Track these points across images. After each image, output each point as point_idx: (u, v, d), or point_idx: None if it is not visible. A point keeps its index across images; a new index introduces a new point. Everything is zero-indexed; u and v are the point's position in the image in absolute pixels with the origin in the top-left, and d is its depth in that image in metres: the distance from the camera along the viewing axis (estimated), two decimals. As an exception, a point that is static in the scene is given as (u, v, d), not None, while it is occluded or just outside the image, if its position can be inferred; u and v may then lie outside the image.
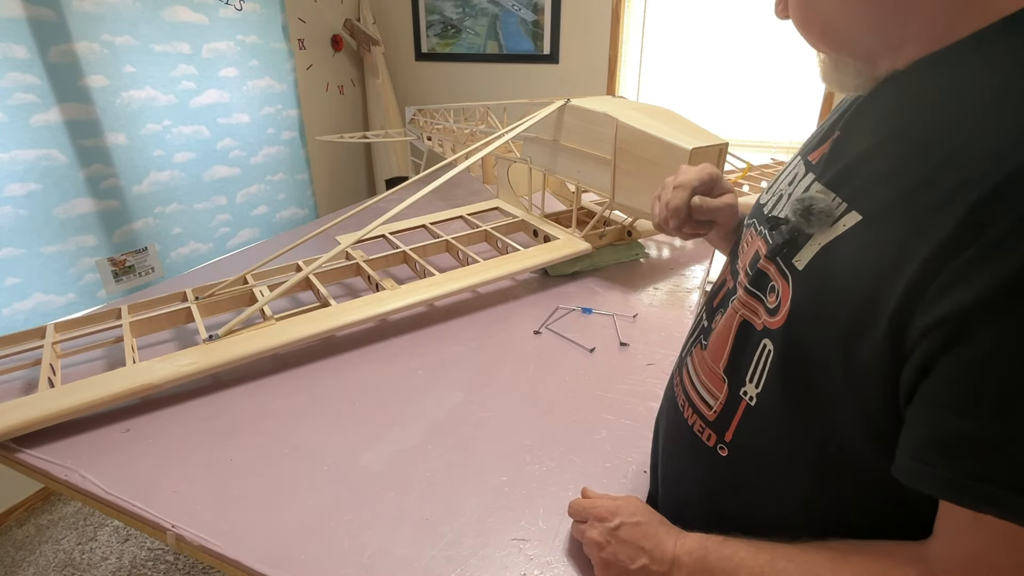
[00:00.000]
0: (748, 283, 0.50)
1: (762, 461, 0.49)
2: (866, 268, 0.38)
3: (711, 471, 0.53)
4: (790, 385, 0.44)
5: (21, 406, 0.72)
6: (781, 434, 0.46)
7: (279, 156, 2.53)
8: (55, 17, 1.65)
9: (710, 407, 0.52)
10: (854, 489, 0.44)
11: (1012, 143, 0.32)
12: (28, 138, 1.63)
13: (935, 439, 0.34)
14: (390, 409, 0.78)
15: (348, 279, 1.13)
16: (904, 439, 0.36)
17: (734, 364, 0.50)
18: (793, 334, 0.43)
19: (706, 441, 0.52)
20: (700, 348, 0.56)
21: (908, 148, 0.39)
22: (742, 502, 0.51)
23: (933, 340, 0.33)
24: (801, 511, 0.47)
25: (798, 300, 0.43)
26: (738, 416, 0.49)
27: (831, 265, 0.41)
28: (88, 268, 1.84)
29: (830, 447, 0.43)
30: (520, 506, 0.62)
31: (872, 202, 0.40)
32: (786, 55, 2.31)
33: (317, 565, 0.55)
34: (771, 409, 0.46)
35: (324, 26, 2.73)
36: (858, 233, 0.40)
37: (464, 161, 1.05)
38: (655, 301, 1.08)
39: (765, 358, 0.46)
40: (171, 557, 1.67)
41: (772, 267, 0.47)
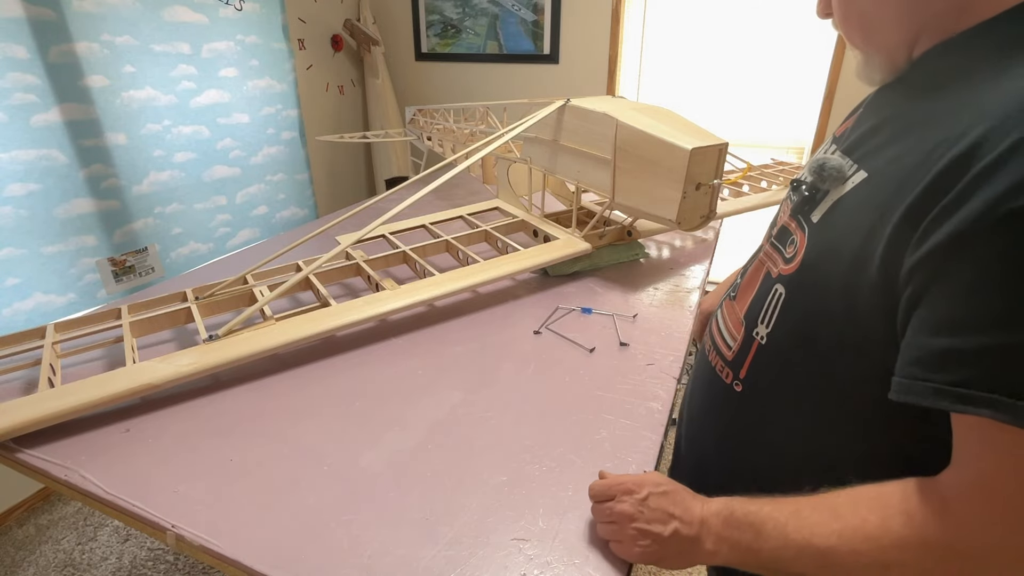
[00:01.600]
0: (773, 238, 0.59)
1: (771, 396, 0.55)
2: (865, 215, 0.45)
3: (728, 407, 0.60)
4: (795, 325, 0.51)
5: (21, 406, 0.72)
6: (786, 370, 0.53)
7: (279, 156, 2.53)
8: (55, 17, 1.65)
9: (730, 348, 0.61)
10: (861, 426, 0.48)
11: (985, 113, 0.38)
12: (28, 138, 1.63)
13: (921, 357, 0.39)
14: (390, 409, 0.78)
15: (348, 279, 1.13)
16: (899, 364, 0.42)
17: (752, 310, 0.58)
18: (802, 277, 0.50)
19: (724, 379, 0.61)
20: (730, 300, 0.64)
21: (906, 119, 0.47)
22: (756, 437, 0.57)
23: (919, 277, 0.39)
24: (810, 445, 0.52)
25: (810, 248, 0.50)
26: (751, 355, 0.56)
27: (840, 215, 0.48)
28: (88, 268, 1.84)
29: (830, 381, 0.49)
30: (520, 506, 0.62)
31: (875, 162, 0.47)
32: (786, 55, 2.31)
33: (317, 565, 0.55)
34: (778, 347, 0.54)
35: (324, 26, 2.73)
36: (862, 187, 0.47)
37: (464, 161, 1.05)
38: (655, 301, 1.08)
39: (776, 301, 0.53)
40: (171, 557, 1.67)
41: (793, 222, 0.55)
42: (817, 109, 2.30)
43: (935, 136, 0.41)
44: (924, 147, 0.41)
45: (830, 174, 0.50)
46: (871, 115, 0.53)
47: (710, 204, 1.04)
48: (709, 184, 1.00)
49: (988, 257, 0.36)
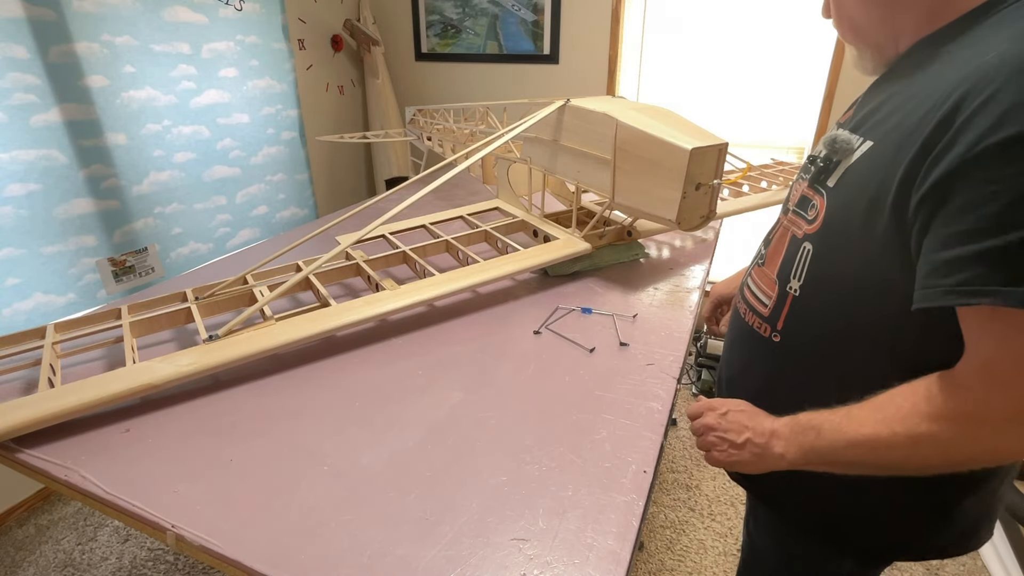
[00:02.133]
0: (794, 206, 0.68)
1: (807, 340, 0.64)
2: (874, 173, 0.55)
3: (768, 358, 0.69)
4: (825, 272, 0.61)
5: (21, 406, 0.72)
6: (819, 314, 0.62)
7: (279, 156, 2.53)
8: (55, 17, 1.65)
9: (765, 305, 0.69)
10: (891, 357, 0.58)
11: (963, 80, 0.48)
12: (28, 138, 1.63)
13: (932, 270, 0.48)
14: (390, 409, 0.78)
15: (348, 279, 1.13)
16: (916, 282, 0.50)
17: (783, 269, 0.67)
18: (826, 232, 0.61)
19: (763, 333, 0.69)
20: (758, 266, 0.74)
21: (901, 97, 0.57)
22: (797, 382, 0.66)
23: (924, 210, 0.49)
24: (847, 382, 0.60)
25: (830, 207, 0.60)
26: (787, 307, 0.66)
27: (852, 177, 0.58)
28: (88, 268, 1.84)
29: (859, 317, 0.59)
30: (520, 506, 0.62)
31: (878, 132, 0.57)
32: (786, 55, 2.31)
33: (317, 565, 0.55)
34: (810, 295, 0.63)
35: (324, 26, 2.73)
36: (869, 154, 0.57)
37: (464, 161, 1.05)
38: (655, 301, 1.08)
39: (805, 257, 0.63)
40: (171, 557, 1.67)
41: (811, 191, 0.65)
42: (817, 109, 2.30)
43: (926, 104, 0.51)
44: (918, 112, 0.51)
45: (841, 146, 0.60)
46: (870, 101, 0.62)
47: (710, 204, 1.04)
48: (709, 184, 1.00)
49: (975, 183, 0.45)
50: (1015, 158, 0.43)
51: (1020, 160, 0.43)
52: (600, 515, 0.61)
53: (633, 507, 0.62)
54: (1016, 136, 0.43)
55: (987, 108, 0.45)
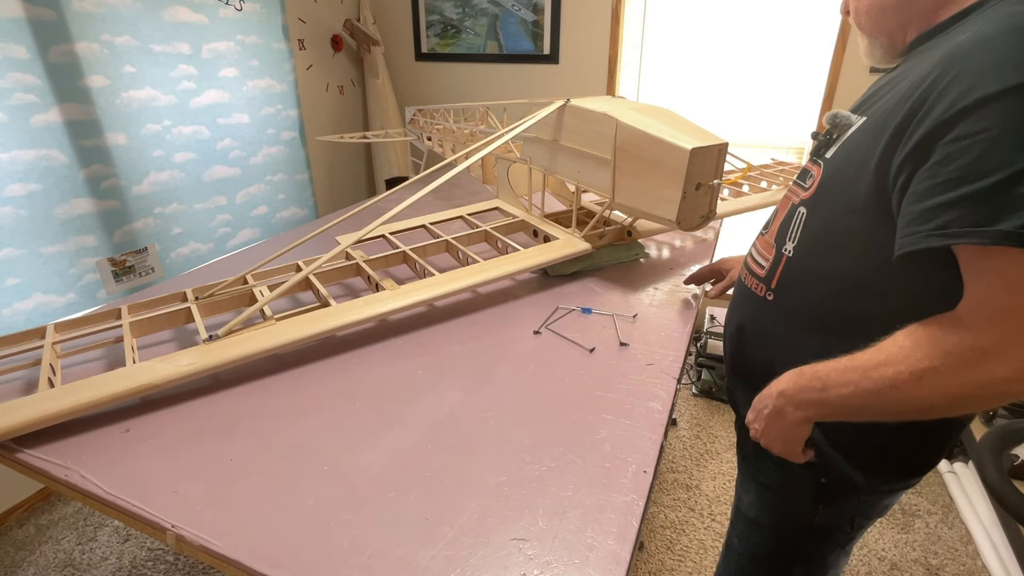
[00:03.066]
0: (796, 178, 0.75)
1: (796, 296, 0.70)
2: (863, 142, 0.61)
3: (762, 316, 0.74)
4: (815, 234, 0.67)
5: (21, 406, 0.72)
6: (808, 273, 0.68)
7: (279, 156, 2.53)
8: (55, 17, 1.65)
9: (762, 267, 0.75)
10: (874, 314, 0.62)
11: (941, 60, 0.54)
12: (28, 138, 1.63)
13: (913, 219, 0.53)
14: (390, 409, 0.78)
15: (348, 279, 1.13)
16: (898, 233, 0.55)
17: (781, 232, 0.73)
18: (819, 196, 0.67)
19: (758, 292, 0.75)
20: (762, 235, 0.79)
21: (892, 81, 0.63)
22: (789, 338, 0.71)
23: (904, 170, 0.55)
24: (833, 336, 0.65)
25: (824, 175, 0.67)
26: (781, 267, 0.71)
27: (845, 148, 0.65)
28: (88, 268, 1.84)
29: (848, 274, 0.63)
30: (520, 506, 0.62)
31: (871, 110, 0.64)
32: (786, 55, 2.31)
33: (317, 565, 0.55)
34: (802, 254, 0.69)
35: (324, 26, 2.72)
36: (862, 126, 0.63)
37: (464, 161, 1.05)
38: (655, 301, 1.08)
39: (799, 221, 0.69)
40: (171, 557, 1.67)
41: (811, 163, 0.71)
42: (817, 109, 2.30)
43: (912, 80, 0.57)
44: (902, 90, 0.58)
45: (841, 122, 0.66)
46: (872, 88, 0.70)
47: (710, 204, 1.04)
48: (709, 184, 1.00)
49: (949, 140, 0.51)
50: (983, 116, 0.49)
51: (987, 118, 0.49)
52: (600, 515, 0.61)
53: (633, 507, 0.62)
54: (982, 98, 0.49)
55: (959, 78, 0.51)
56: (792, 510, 0.80)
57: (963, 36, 0.55)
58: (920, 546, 1.69)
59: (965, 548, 1.68)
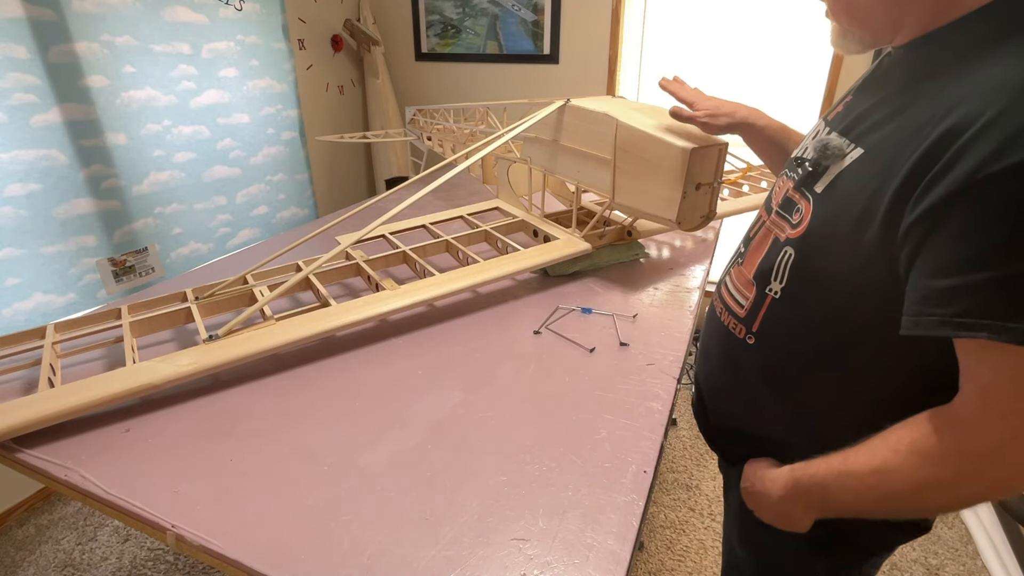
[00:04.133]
0: (778, 207, 0.66)
1: (782, 344, 0.63)
2: (865, 183, 0.53)
3: (742, 360, 0.68)
4: (806, 278, 0.59)
5: (21, 406, 0.72)
6: (800, 318, 0.61)
7: (279, 156, 2.53)
8: (55, 17, 1.65)
9: (742, 306, 0.68)
10: (870, 368, 0.57)
11: (964, 97, 0.46)
12: (28, 138, 1.63)
13: (926, 296, 0.47)
14: (390, 409, 0.78)
15: (348, 279, 1.13)
16: (905, 306, 0.49)
17: (763, 270, 0.65)
18: (811, 238, 0.58)
19: (737, 334, 0.68)
20: (737, 266, 0.71)
21: (896, 102, 0.54)
22: (770, 386, 0.65)
23: (917, 232, 0.47)
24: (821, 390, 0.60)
25: (816, 215, 0.58)
26: (763, 309, 0.64)
27: (841, 186, 0.56)
28: (88, 268, 1.84)
29: (841, 324, 0.57)
30: (520, 506, 0.62)
31: (872, 140, 0.55)
32: (786, 55, 2.31)
33: (317, 565, 0.55)
34: (792, 298, 0.61)
35: (324, 26, 2.73)
36: (861, 161, 0.55)
37: (464, 161, 1.05)
38: (655, 301, 1.08)
39: (786, 261, 0.61)
40: (171, 557, 1.67)
41: (797, 194, 0.62)
42: (817, 109, 2.30)
43: (923, 115, 0.49)
44: (914, 124, 0.49)
45: (832, 152, 0.57)
46: (862, 100, 0.60)
47: (710, 204, 1.04)
48: (709, 184, 1.00)
49: (974, 210, 0.43)
50: (1017, 188, 0.42)
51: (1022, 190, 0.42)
52: (600, 515, 0.61)
53: (633, 507, 0.62)
54: (1019, 165, 0.41)
55: (989, 132, 0.43)
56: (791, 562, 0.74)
57: (991, 62, 0.46)
58: (920, 546, 1.69)
59: (965, 548, 1.68)
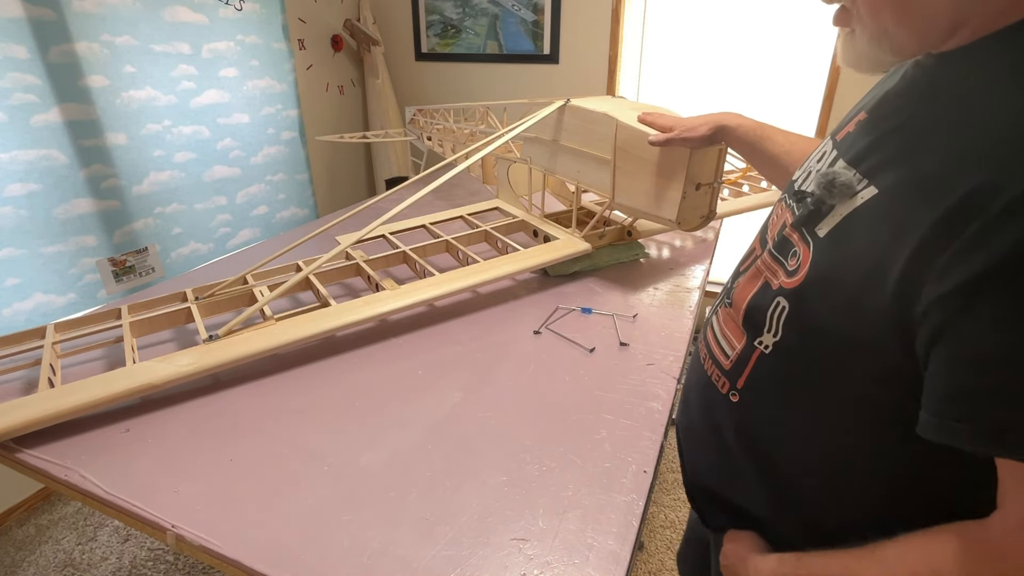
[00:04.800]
0: (773, 247, 0.55)
1: (770, 407, 0.53)
2: (877, 236, 0.42)
3: (724, 418, 0.58)
4: (803, 336, 0.49)
5: (21, 406, 0.72)
6: (790, 379, 0.51)
7: (279, 156, 2.53)
8: (55, 17, 1.65)
9: (727, 356, 0.58)
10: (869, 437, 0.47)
11: (1004, 139, 0.36)
12: (28, 138, 1.63)
13: (953, 396, 0.38)
14: (390, 409, 0.78)
15: (348, 279, 1.13)
16: (925, 399, 0.40)
17: (752, 319, 0.55)
18: (808, 292, 0.48)
19: (719, 387, 0.59)
20: (725, 307, 0.62)
21: (918, 134, 0.43)
22: (750, 446, 0.56)
23: (942, 310, 0.37)
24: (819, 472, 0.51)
25: (817, 264, 0.48)
26: (751, 364, 0.54)
27: (848, 233, 0.46)
28: (88, 268, 1.84)
29: (840, 394, 0.47)
30: (520, 506, 0.62)
31: (888, 178, 0.44)
32: (786, 55, 2.31)
33: (317, 565, 0.55)
34: (784, 356, 0.51)
35: (324, 26, 2.73)
36: (874, 205, 0.44)
37: (464, 161, 1.05)
38: (655, 301, 1.08)
39: (779, 313, 0.51)
40: (171, 557, 1.67)
41: (796, 234, 0.52)
42: (817, 109, 2.30)
43: (951, 158, 0.39)
44: (940, 169, 0.39)
45: (840, 190, 0.47)
46: (877, 123, 0.49)
47: (710, 204, 1.04)
48: (709, 184, 1.00)
49: (1018, 296, 0.34)
50: None
51: None
52: (600, 515, 0.61)
53: (633, 507, 0.62)
54: None
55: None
56: None
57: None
58: (920, 546, 1.68)
59: (965, 548, 1.67)
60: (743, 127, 0.88)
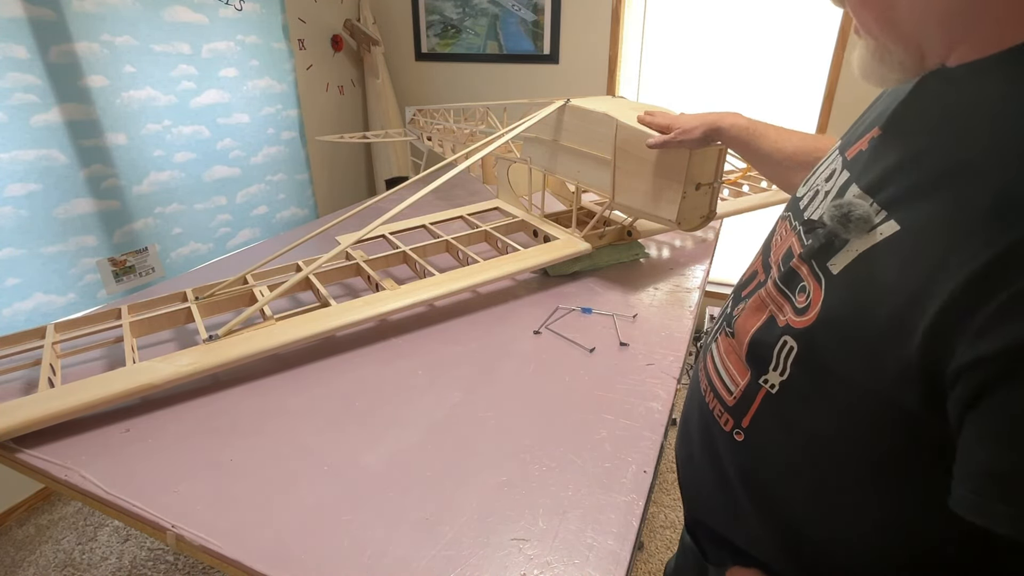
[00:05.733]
0: (779, 278, 0.50)
1: (776, 449, 0.49)
2: (902, 281, 0.37)
3: (728, 457, 0.54)
4: (813, 379, 0.45)
5: (21, 406, 0.72)
6: (800, 424, 0.47)
7: (279, 156, 2.53)
8: (55, 17, 1.65)
9: (731, 392, 0.53)
10: (883, 491, 0.43)
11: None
12: (28, 138, 1.63)
13: (994, 474, 0.33)
14: (390, 409, 0.78)
15: (348, 279, 1.13)
16: (959, 469, 0.36)
17: (757, 355, 0.50)
18: (820, 335, 0.43)
19: (723, 426, 0.54)
20: (726, 336, 0.57)
21: (953, 161, 0.37)
22: (756, 489, 0.52)
23: (983, 373, 0.32)
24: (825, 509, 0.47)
25: (830, 304, 0.43)
26: (757, 403, 0.50)
27: (867, 274, 0.41)
28: (88, 268, 1.84)
29: (854, 445, 0.43)
30: (520, 506, 0.62)
31: (912, 213, 0.38)
32: (786, 55, 2.31)
33: (317, 565, 0.55)
34: (792, 399, 0.47)
35: (324, 26, 2.73)
36: (896, 243, 0.39)
37: (464, 161, 1.05)
38: (655, 301, 1.08)
39: (787, 353, 0.46)
40: (171, 557, 1.67)
41: (805, 267, 0.47)
42: (817, 109, 2.30)
43: (987, 195, 0.34)
44: (974, 207, 0.34)
45: (856, 224, 0.42)
46: (894, 143, 0.44)
47: (710, 204, 1.04)
48: (709, 184, 1.00)
49: None
50: None
51: None
52: (600, 515, 0.61)
53: (633, 507, 0.62)
54: None
55: None
56: None
57: None
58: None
59: (965, 548, 1.67)
60: (736, 126, 0.88)
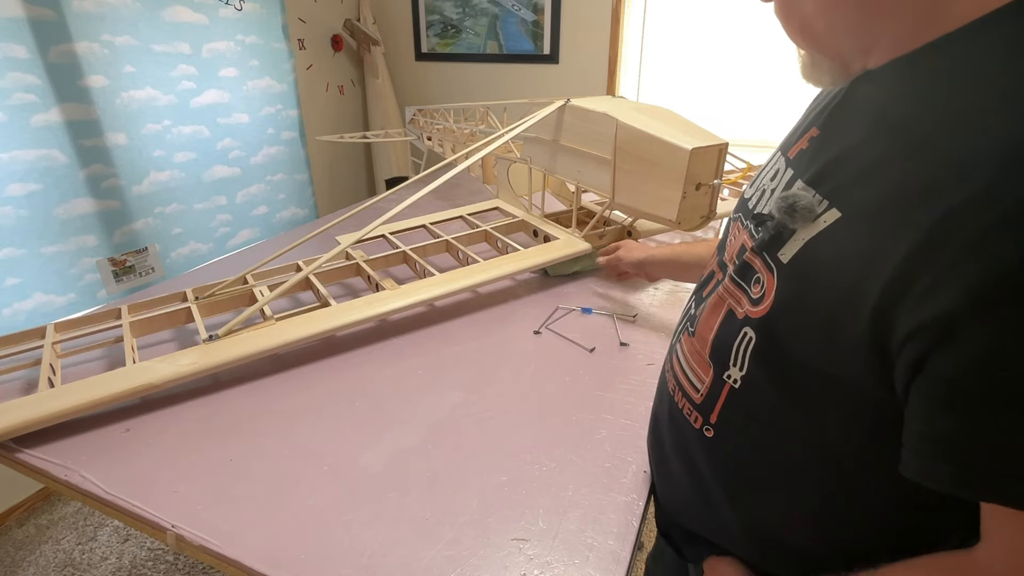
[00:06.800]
0: (734, 273, 0.53)
1: (745, 442, 0.51)
2: (846, 264, 0.40)
3: (700, 454, 0.56)
4: (772, 369, 0.47)
5: (21, 406, 0.72)
6: (764, 415, 0.49)
7: (279, 156, 2.53)
8: (55, 17, 1.65)
9: (697, 390, 0.55)
10: (848, 472, 0.45)
11: (984, 149, 0.34)
12: (28, 138, 1.63)
13: (937, 437, 0.35)
14: (390, 409, 0.78)
15: (348, 279, 1.13)
16: (907, 437, 0.38)
17: (718, 351, 0.52)
18: (776, 323, 0.46)
19: (693, 423, 0.55)
20: (688, 335, 0.58)
21: (884, 148, 0.40)
22: (728, 483, 0.54)
23: (923, 340, 0.34)
24: (797, 495, 0.49)
25: (782, 291, 0.45)
26: (722, 398, 0.52)
27: (813, 260, 0.43)
28: (88, 268, 1.84)
29: (816, 429, 0.45)
30: (520, 506, 0.62)
31: (851, 200, 0.42)
32: (786, 55, 2.31)
33: (317, 565, 0.55)
34: (754, 391, 0.49)
35: (324, 26, 2.73)
36: (838, 230, 0.42)
37: (464, 161, 1.05)
38: (655, 301, 1.08)
39: (746, 344, 0.48)
40: (171, 557, 1.67)
41: (758, 260, 0.49)
42: (817, 109, 2.30)
43: (916, 180, 0.37)
44: (905, 190, 0.37)
45: (801, 214, 0.45)
46: (831, 140, 0.47)
47: (710, 204, 1.04)
48: (709, 184, 1.00)
49: (1004, 330, 0.32)
50: None
51: None
52: (600, 515, 0.61)
53: (633, 507, 0.62)
54: None
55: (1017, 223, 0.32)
56: None
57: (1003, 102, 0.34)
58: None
59: (965, 548, 1.67)
60: (656, 253, 1.02)
